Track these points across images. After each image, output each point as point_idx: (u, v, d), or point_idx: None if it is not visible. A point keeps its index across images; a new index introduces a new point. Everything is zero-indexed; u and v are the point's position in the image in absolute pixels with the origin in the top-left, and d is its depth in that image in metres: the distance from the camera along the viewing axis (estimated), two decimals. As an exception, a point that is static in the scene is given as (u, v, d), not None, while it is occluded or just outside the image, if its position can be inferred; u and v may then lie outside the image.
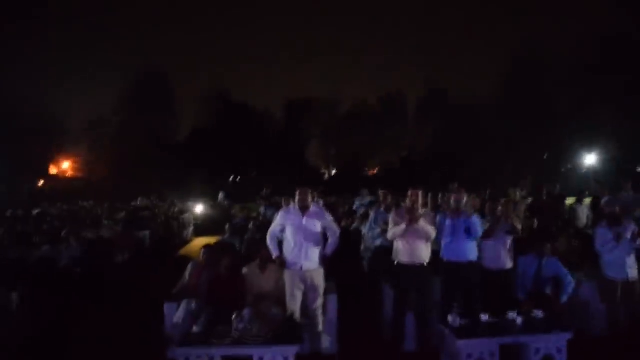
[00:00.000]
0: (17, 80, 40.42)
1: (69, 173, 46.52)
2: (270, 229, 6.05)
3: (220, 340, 4.83)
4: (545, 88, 41.99)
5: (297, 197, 5.97)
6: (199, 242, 16.28)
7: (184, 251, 14.43)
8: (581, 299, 6.47)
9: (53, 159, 44.57)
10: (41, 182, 40.76)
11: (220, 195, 21.07)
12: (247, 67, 78.70)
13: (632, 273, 6.11)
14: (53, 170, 45.49)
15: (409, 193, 6.12)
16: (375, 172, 51.60)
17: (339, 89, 69.19)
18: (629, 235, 6.10)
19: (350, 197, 16.32)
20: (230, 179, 44.20)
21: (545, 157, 42.67)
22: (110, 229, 12.48)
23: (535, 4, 74.64)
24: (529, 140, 39.04)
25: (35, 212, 17.51)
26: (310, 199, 6.00)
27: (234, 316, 5.06)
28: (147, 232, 14.18)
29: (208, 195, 23.21)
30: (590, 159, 34.49)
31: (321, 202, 8.33)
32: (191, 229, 18.27)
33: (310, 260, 5.84)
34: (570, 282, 6.16)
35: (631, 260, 6.13)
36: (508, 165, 38.63)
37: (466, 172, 33.18)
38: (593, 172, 32.25)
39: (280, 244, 6.02)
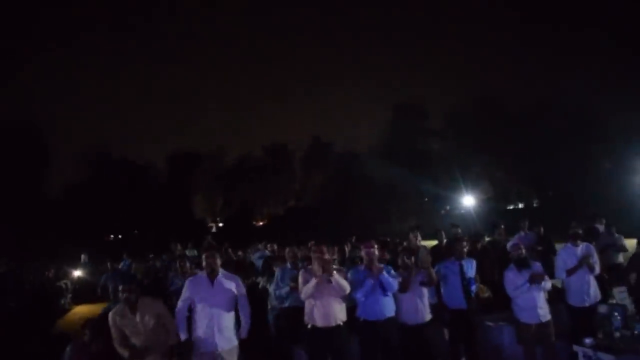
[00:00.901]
0: None
1: None
2: (178, 307, 5.25)
3: None
4: (425, 137, 44.77)
5: (203, 262, 5.29)
6: (80, 310, 14.75)
7: (62, 323, 12.84)
8: (500, 343, 6.35)
9: None
10: None
11: (83, 257, 19.49)
12: (130, 122, 76.49)
13: (545, 314, 6.08)
14: None
15: (313, 249, 5.72)
16: (263, 222, 51.13)
17: (224, 141, 68.73)
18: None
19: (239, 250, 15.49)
20: (111, 237, 41.64)
21: (425, 200, 44.97)
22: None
23: (413, 61, 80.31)
24: (410, 185, 40.89)
25: None
26: (218, 262, 5.33)
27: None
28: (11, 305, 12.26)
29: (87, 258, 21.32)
30: (468, 200, 36.61)
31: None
32: (69, 296, 16.53)
33: (224, 335, 5.14)
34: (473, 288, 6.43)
35: (542, 301, 6.11)
36: (392, 210, 40.10)
37: (353, 220, 33.85)
38: (475, 212, 34.16)
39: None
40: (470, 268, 6.49)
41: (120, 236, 42.45)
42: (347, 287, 5.46)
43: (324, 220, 36.27)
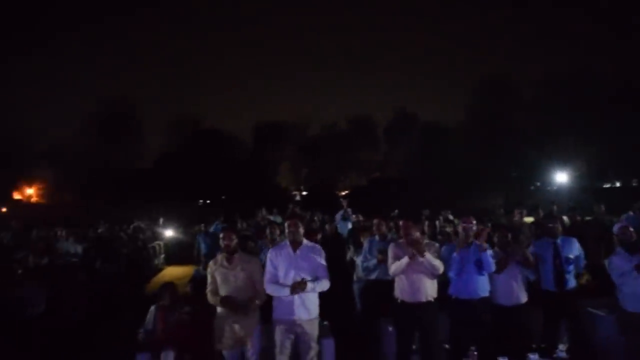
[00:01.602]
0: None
1: (34, 199, 45.06)
2: (266, 280, 5.14)
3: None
4: (512, 110, 42.81)
5: (286, 230, 5.22)
6: (170, 272, 15.37)
7: (154, 283, 13.39)
8: (600, 332, 5.96)
9: (17, 184, 43.23)
10: (4, 209, 38.91)
11: (160, 220, 20.29)
12: (218, 93, 78.91)
13: None
14: (17, 195, 44.02)
15: (400, 224, 5.54)
16: (345, 193, 51.26)
17: (308, 112, 69.00)
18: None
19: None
20: (200, 202, 43.34)
21: (513, 175, 43.22)
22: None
23: (503, 35, 76.86)
24: (497, 159, 39.45)
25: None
26: (301, 231, 5.22)
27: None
28: (114, 264, 12.88)
29: (178, 221, 22.23)
30: (560, 177, 34.82)
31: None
32: (162, 256, 17.29)
33: (305, 306, 5.04)
34: (580, 264, 6.03)
35: None
36: (478, 185, 38.85)
37: (437, 193, 33.08)
38: (568, 190, 32.48)
39: None
40: (568, 247, 5.99)
41: (208, 201, 44.05)
42: (440, 268, 5.29)
43: (406, 192, 35.70)
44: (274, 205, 16.15)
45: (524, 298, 5.66)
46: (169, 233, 19.37)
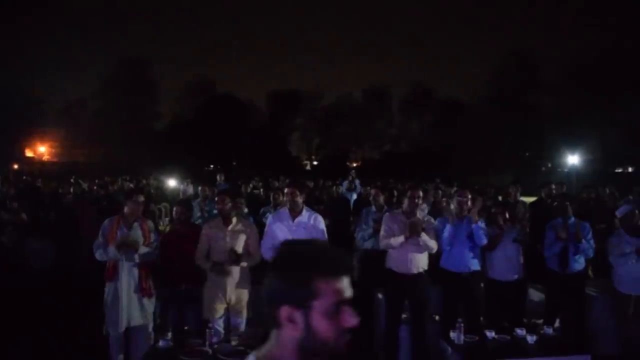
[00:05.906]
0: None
1: (46, 157, 45.48)
2: (263, 246, 5.15)
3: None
4: (530, 88, 42.15)
5: (285, 198, 5.25)
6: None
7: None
8: (592, 314, 5.96)
9: (29, 141, 43.52)
10: (15, 166, 39.20)
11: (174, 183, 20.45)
12: (233, 59, 78.57)
13: None
14: (29, 153, 44.39)
15: (409, 194, 5.50)
16: (357, 164, 51.21)
17: (323, 81, 68.66)
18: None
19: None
20: (210, 167, 43.49)
21: (527, 155, 42.85)
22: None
23: (526, 12, 74.97)
24: (512, 138, 39.13)
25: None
26: (300, 199, 5.21)
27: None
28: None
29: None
30: (573, 159, 34.30)
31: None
32: (167, 219, 17.37)
33: None
34: (588, 247, 5.76)
35: None
36: (490, 161, 38.60)
37: (449, 169, 32.98)
38: (578, 172, 32.08)
39: None
40: (582, 231, 5.84)
41: (219, 167, 44.24)
42: (434, 248, 5.32)
43: (418, 167, 35.62)
44: (283, 173, 16.18)
45: (517, 275, 5.66)
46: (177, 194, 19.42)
